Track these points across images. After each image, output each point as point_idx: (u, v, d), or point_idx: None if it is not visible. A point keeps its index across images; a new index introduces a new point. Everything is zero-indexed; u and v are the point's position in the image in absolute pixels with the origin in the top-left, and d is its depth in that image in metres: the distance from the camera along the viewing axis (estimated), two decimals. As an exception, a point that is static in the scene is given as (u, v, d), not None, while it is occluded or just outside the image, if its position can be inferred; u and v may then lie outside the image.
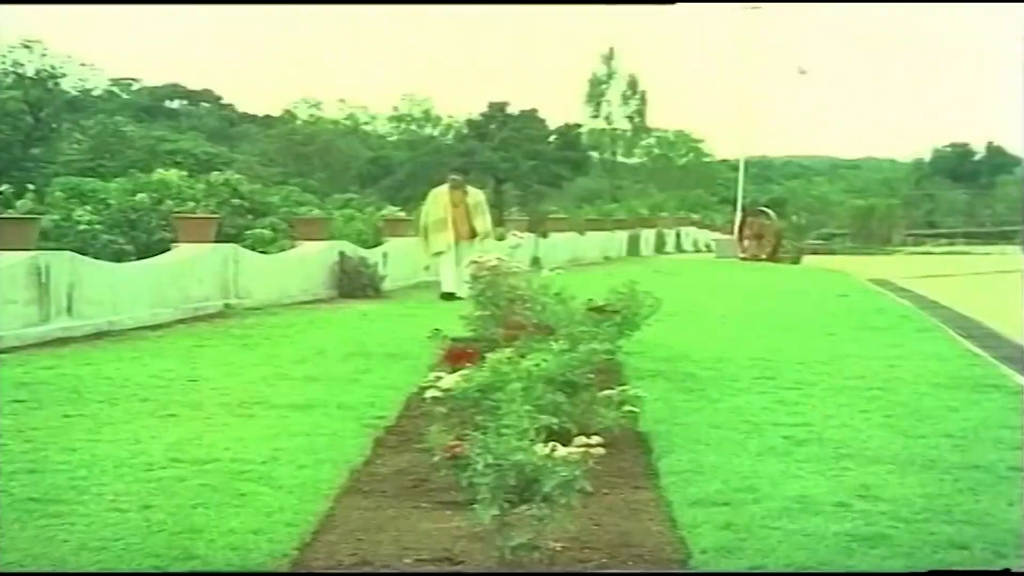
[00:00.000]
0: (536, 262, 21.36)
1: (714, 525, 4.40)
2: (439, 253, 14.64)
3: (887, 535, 4.30)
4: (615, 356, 7.85)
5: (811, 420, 6.58)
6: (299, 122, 61.96)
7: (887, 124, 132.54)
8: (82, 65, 54.05)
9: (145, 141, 46.51)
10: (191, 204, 19.60)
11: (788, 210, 47.45)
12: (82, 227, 18.29)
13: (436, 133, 64.46)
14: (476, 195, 15.29)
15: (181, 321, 11.45)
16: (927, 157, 78.68)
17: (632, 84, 71.65)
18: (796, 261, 29.28)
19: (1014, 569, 3.91)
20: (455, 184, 15.04)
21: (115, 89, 68.47)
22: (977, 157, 77.06)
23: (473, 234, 14.63)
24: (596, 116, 71.43)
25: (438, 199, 14.87)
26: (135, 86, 71.57)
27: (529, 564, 3.82)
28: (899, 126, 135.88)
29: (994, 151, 75.30)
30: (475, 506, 3.85)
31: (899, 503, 4.75)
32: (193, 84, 73.73)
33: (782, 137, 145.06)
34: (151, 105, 68.94)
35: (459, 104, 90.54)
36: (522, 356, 5.46)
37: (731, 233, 35.98)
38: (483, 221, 14.86)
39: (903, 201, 63.63)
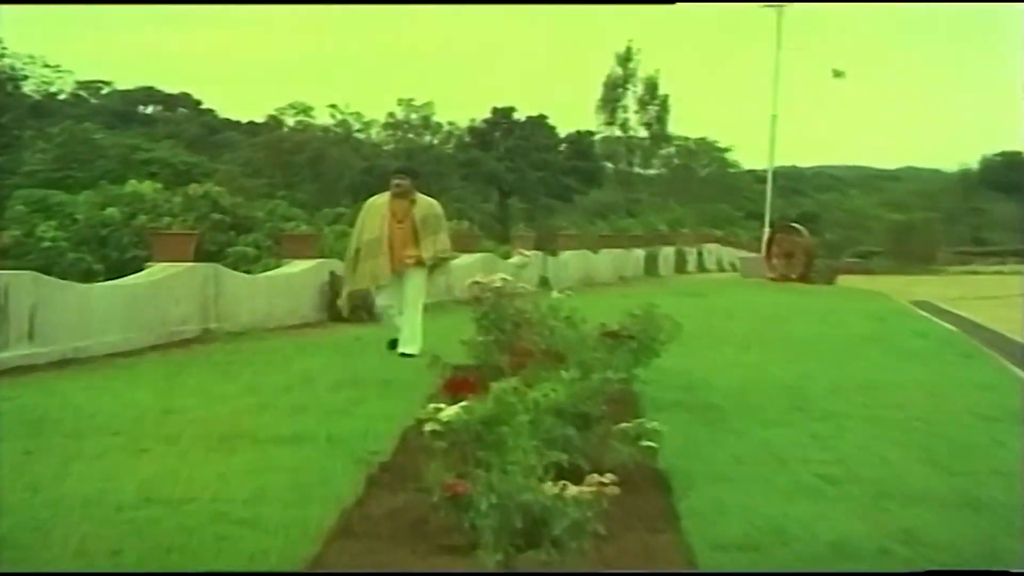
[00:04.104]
0: (544, 282, 21.46)
1: (739, 571, 4.39)
2: (364, 290, 11.66)
3: (931, 583, 4.28)
4: (631, 385, 7.83)
5: (846, 455, 6.56)
6: (286, 129, 62.07)
7: (929, 130, 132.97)
8: (47, 67, 54.41)
9: (117, 150, 46.71)
10: (167, 219, 19.71)
11: (820, 226, 47.56)
12: (47, 244, 18.40)
13: (436, 141, 64.55)
14: (426, 206, 11.58)
15: (156, 347, 11.45)
16: (974, 166, 78.71)
17: (651, 88, 71.84)
18: (829, 281, 29.29)
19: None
20: (398, 189, 11.41)
21: (83, 93, 68.91)
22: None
23: (420, 260, 11.31)
24: (611, 123, 71.60)
25: (373, 212, 11.45)
26: (105, 90, 72.00)
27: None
28: (943, 132, 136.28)
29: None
30: (478, 551, 3.84)
31: (945, 548, 4.73)
32: (170, 87, 74.18)
33: (814, 146, 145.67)
34: (123, 110, 69.33)
35: (461, 110, 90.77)
36: (529, 386, 5.45)
37: (758, 251, 36.02)
38: (434, 242, 11.43)
39: (947, 215, 63.60)
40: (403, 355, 10.83)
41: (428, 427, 5.15)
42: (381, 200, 11.56)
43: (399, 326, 11.25)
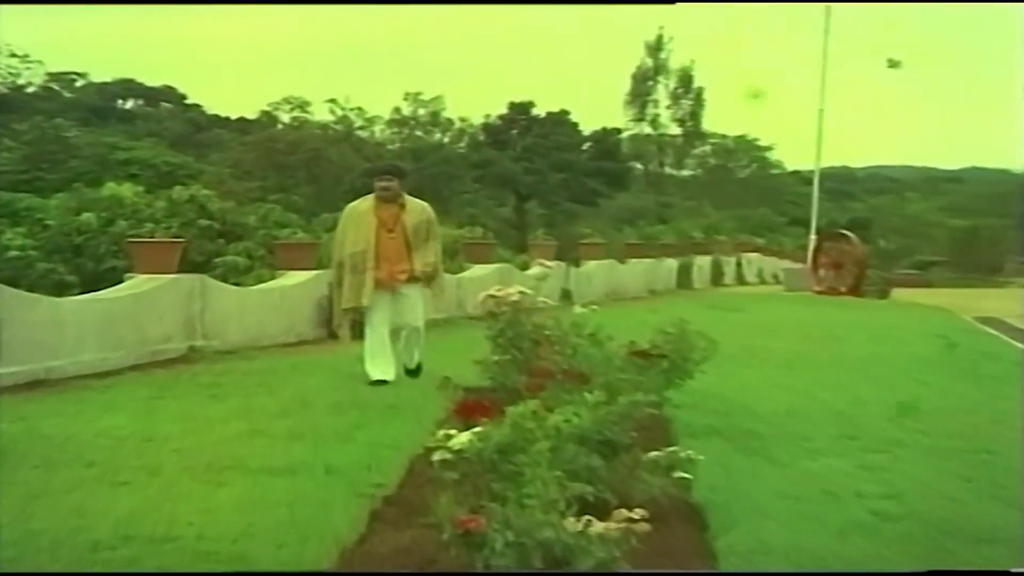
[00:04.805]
0: (566, 296, 21.45)
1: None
2: (353, 309, 10.94)
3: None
4: (662, 410, 7.83)
5: (903, 489, 6.54)
6: (280, 127, 62.28)
7: (996, 127, 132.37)
8: (13, 56, 54.64)
9: (92, 149, 46.93)
10: (149, 226, 19.76)
11: (873, 233, 47.40)
12: (14, 253, 18.47)
13: (446, 140, 64.72)
14: (418, 211, 11.02)
15: (136, 367, 11.48)
16: (1049, 166, 78.35)
17: (684, 80, 71.94)
18: (884, 295, 29.24)
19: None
20: (386, 193, 10.86)
21: (55, 86, 69.19)
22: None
23: (413, 274, 10.85)
24: (640, 119, 71.73)
25: (356, 220, 10.92)
26: (79, 82, 72.29)
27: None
28: (1011, 129, 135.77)
29: None
30: (492, 594, 3.85)
31: (1013, 592, 4.72)
32: (151, 80, 74.48)
33: (866, 144, 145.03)
34: (100, 105, 69.62)
35: (474, 105, 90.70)
36: (549, 410, 5.46)
37: (803, 261, 35.93)
38: (427, 253, 10.93)
39: (1017, 221, 63.37)
40: (407, 372, 10.92)
41: (437, 456, 5.16)
42: (364, 206, 10.99)
43: (379, 354, 10.67)
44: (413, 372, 10.97)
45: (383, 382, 10.43)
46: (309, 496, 6.18)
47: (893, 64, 42.89)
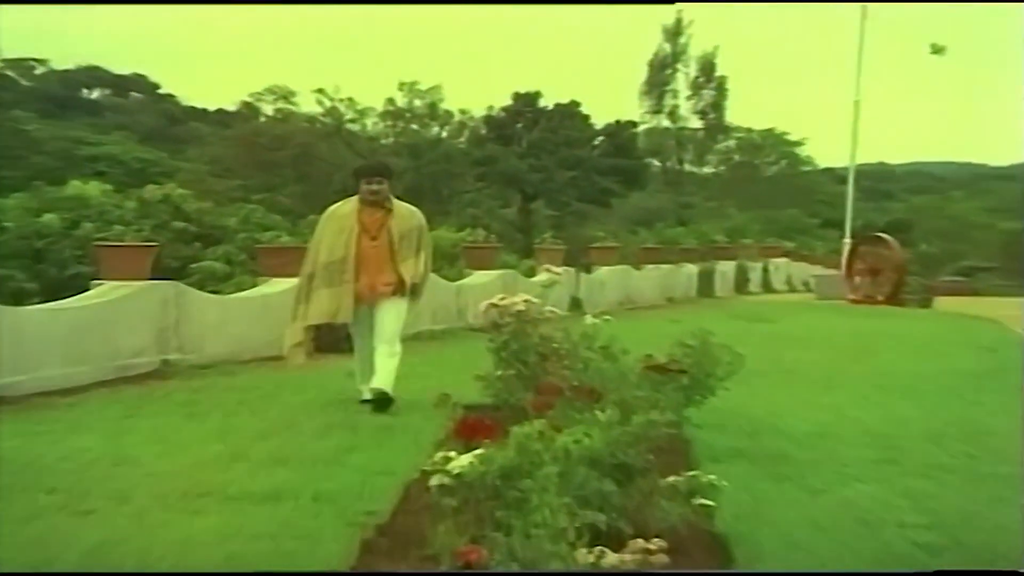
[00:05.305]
0: (576, 305, 21.48)
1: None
2: (315, 326, 10.67)
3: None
4: (681, 430, 7.82)
5: (948, 520, 6.52)
6: (263, 119, 62.37)
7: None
8: (-38, 40, 54.62)
9: (55, 143, 47.07)
10: (118, 228, 19.80)
11: (914, 236, 47.36)
12: (-33, 258, 18.48)
13: (445, 134, 64.77)
14: (406, 216, 10.71)
15: (104, 383, 11.49)
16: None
17: (706, 68, 71.93)
18: (926, 304, 29.24)
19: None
20: (372, 195, 10.51)
21: (12, 73, 69.28)
22: None
23: (401, 286, 10.45)
24: (657, 111, 71.72)
25: (336, 225, 10.55)
26: (40, 69, 72.46)
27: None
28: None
29: None
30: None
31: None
32: (120, 67, 74.72)
33: (906, 138, 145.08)
34: (63, 95, 69.82)
35: (475, 96, 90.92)
36: (558, 430, 5.46)
37: (837, 267, 35.97)
38: (415, 265, 10.58)
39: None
40: (372, 390, 10.11)
41: (435, 481, 5.16)
42: (346, 208, 10.63)
43: (366, 369, 10.42)
44: (379, 402, 10.02)
45: (386, 399, 10.05)
46: (295, 526, 6.17)
47: (937, 50, 42.77)
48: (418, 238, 10.65)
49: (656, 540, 4.09)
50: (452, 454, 5.24)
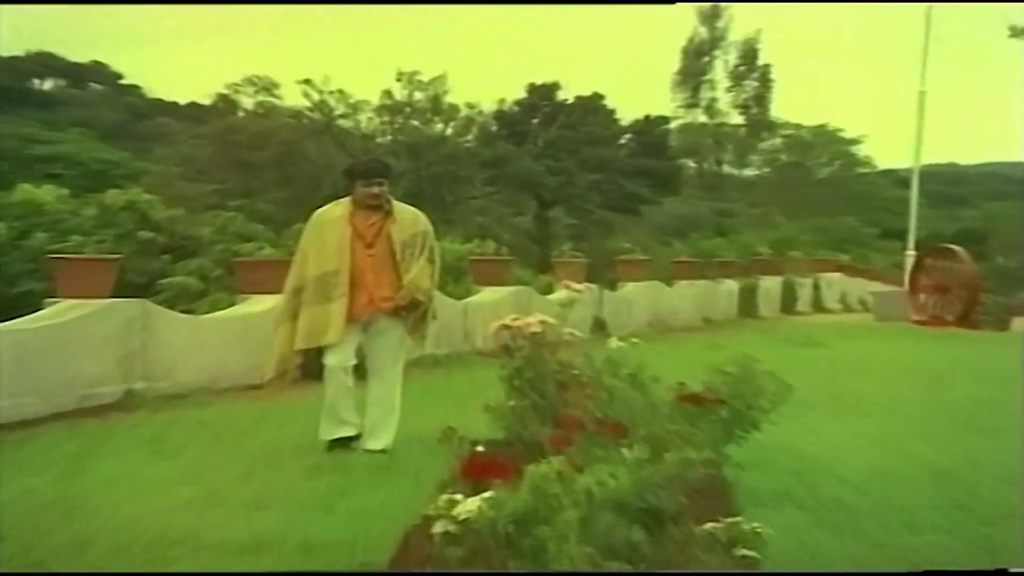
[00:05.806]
0: (600, 326, 21.48)
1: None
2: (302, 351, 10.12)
3: None
4: (720, 470, 7.82)
5: (1026, 572, 6.52)
6: (242, 114, 62.42)
7: None
8: None
9: (3, 142, 47.09)
10: (76, 238, 19.83)
11: (989, 248, 47.27)
12: (-100, 273, 18.53)
13: (450, 131, 64.81)
14: (410, 221, 10.32)
15: (60, 415, 11.51)
16: None
17: (748, 55, 72.09)
18: (1003, 326, 29.15)
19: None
20: (368, 198, 10.12)
21: (-54, 62, 69.56)
22: None
23: (400, 304, 10.03)
24: (693, 105, 71.94)
25: (326, 232, 10.12)
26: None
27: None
28: None
29: None
30: None
31: None
32: (76, 55, 74.92)
33: (979, 135, 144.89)
34: (9, 86, 69.90)
35: (485, 88, 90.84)
36: (579, 470, 5.46)
37: (899, 283, 35.88)
38: (420, 277, 10.12)
39: None
40: (368, 451, 9.78)
41: (439, 527, 5.17)
42: (336, 212, 10.21)
43: (345, 408, 9.98)
44: (377, 452, 9.79)
45: (347, 440, 9.91)
46: (279, 579, 6.18)
47: (1016, 34, 42.64)
48: (422, 246, 10.20)
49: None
50: (458, 497, 5.25)
